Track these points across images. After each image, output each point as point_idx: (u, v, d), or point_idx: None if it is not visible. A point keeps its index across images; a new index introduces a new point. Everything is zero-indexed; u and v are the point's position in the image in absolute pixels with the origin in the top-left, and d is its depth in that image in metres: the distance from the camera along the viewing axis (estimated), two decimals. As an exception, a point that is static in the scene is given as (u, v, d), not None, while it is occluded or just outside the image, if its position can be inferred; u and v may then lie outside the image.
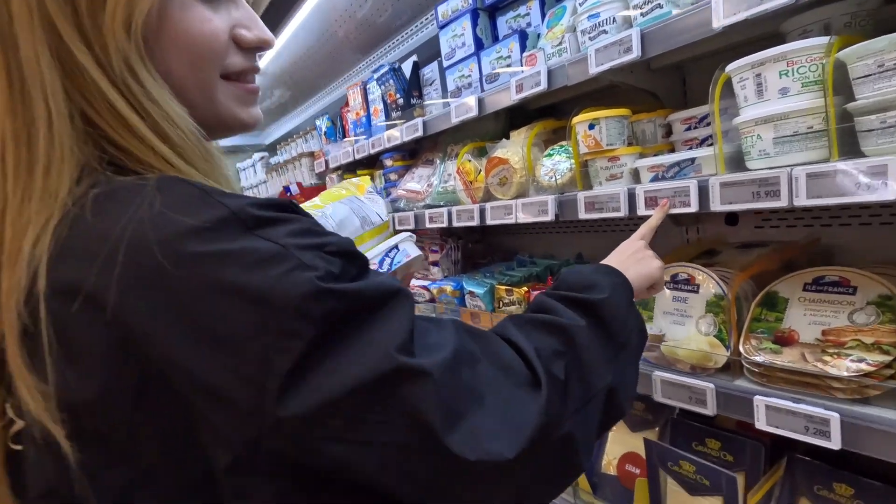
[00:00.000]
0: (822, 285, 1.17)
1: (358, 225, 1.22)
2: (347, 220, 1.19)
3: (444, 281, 2.26)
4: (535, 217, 1.61)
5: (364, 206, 1.28)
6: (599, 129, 1.39)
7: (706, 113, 1.37)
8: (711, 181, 1.13)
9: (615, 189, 1.35)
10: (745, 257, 1.48)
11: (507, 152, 1.74)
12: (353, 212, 1.23)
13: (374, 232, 1.26)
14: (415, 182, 2.39)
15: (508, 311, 1.91)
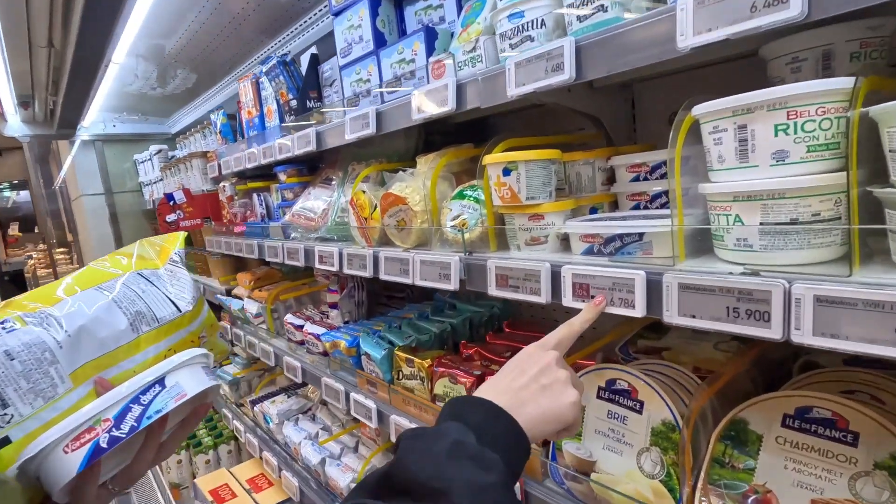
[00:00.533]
0: (809, 422, 0.83)
1: (125, 326, 0.75)
2: (99, 323, 0.72)
3: (340, 332, 1.82)
4: (435, 282, 1.20)
5: (149, 293, 0.81)
6: (518, 176, 0.99)
7: (660, 161, 1.00)
8: (667, 278, 0.76)
9: (534, 263, 0.96)
10: (700, 348, 1.14)
11: (406, 188, 1.31)
12: (121, 304, 0.77)
13: (162, 332, 0.80)
14: (311, 202, 1.92)
15: (408, 387, 1.50)
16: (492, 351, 1.43)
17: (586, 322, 0.84)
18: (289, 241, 1.94)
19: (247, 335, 2.55)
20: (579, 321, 0.84)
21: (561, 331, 0.82)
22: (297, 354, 2.11)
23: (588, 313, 0.85)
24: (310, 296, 2.50)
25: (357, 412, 1.67)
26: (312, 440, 2.10)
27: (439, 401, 1.38)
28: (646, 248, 0.86)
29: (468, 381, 1.29)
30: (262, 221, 2.29)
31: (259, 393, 2.62)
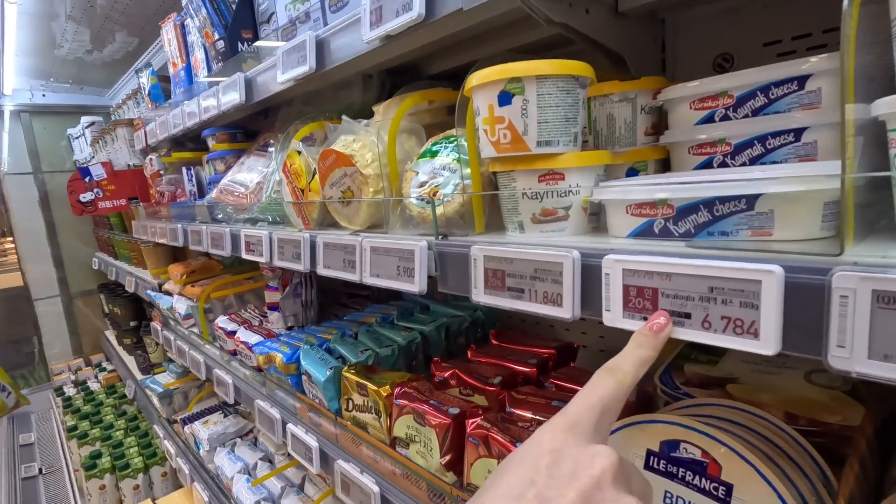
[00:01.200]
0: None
1: None
2: None
3: (277, 343, 1.40)
4: (391, 279, 0.80)
5: None
6: (524, 104, 0.59)
7: (759, 86, 0.61)
8: (846, 282, 0.37)
9: (552, 250, 0.56)
10: (784, 379, 0.77)
11: (353, 143, 0.90)
12: None
13: None
14: (243, 174, 1.49)
15: (360, 422, 1.09)
16: (474, 373, 1.04)
17: (643, 364, 0.46)
18: (213, 225, 1.51)
19: (177, 340, 2.11)
20: (631, 366, 0.45)
21: (599, 389, 0.43)
22: (232, 367, 1.69)
23: (644, 348, 0.46)
24: (255, 293, 2.07)
25: (295, 450, 1.26)
26: (249, 474, 1.68)
27: (401, 446, 0.99)
28: (759, 224, 0.48)
29: (441, 423, 0.89)
30: (192, 201, 1.85)
31: (192, 409, 2.19)
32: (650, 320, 0.48)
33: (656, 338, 0.47)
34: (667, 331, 0.47)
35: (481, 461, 0.82)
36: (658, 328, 0.47)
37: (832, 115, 0.56)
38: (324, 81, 1.33)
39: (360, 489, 1.02)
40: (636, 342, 0.47)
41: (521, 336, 1.24)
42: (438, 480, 0.88)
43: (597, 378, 0.45)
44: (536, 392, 0.93)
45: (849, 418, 0.66)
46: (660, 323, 0.47)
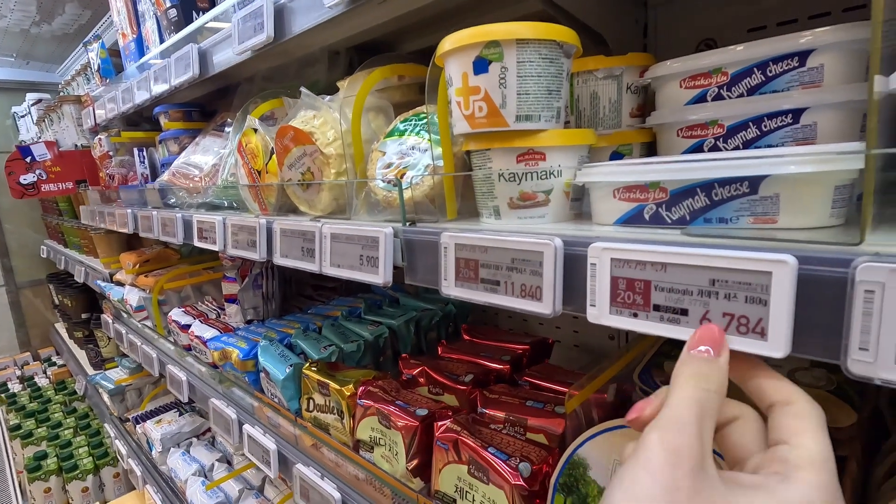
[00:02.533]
0: None
1: None
2: None
3: (234, 338, 1.30)
4: (354, 270, 0.73)
5: None
6: (502, 72, 0.53)
7: (755, 63, 0.56)
8: (869, 275, 0.32)
9: (530, 238, 0.50)
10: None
11: (313, 119, 0.82)
12: None
13: None
14: (198, 156, 1.38)
15: (322, 423, 1.02)
16: (444, 371, 0.98)
17: (717, 394, 0.34)
18: (164, 210, 1.39)
19: (129, 334, 1.97)
20: (709, 401, 0.34)
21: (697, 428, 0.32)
22: (187, 363, 1.58)
23: (709, 379, 0.34)
24: (215, 284, 1.95)
25: (252, 453, 1.18)
26: (205, 476, 1.58)
27: (365, 449, 0.92)
28: (762, 210, 0.43)
29: (407, 426, 0.82)
30: (144, 184, 1.71)
31: (146, 407, 2.06)
32: (705, 335, 0.36)
33: (718, 361, 0.35)
34: (725, 350, 0.36)
35: (450, 467, 0.76)
36: (718, 347, 0.35)
37: (834, 94, 0.51)
38: (286, 56, 1.23)
39: (321, 495, 0.95)
40: (687, 380, 0.34)
41: (494, 331, 1.18)
42: (404, 487, 0.82)
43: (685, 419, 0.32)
44: (510, 391, 0.87)
45: (837, 420, 0.63)
46: (713, 335, 0.36)
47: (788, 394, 0.34)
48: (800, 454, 0.30)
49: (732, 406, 0.35)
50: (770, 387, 0.35)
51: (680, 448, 0.30)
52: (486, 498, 0.70)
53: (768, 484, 0.30)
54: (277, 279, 1.49)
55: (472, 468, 0.72)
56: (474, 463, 0.72)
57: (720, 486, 0.30)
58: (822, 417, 0.33)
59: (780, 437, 0.32)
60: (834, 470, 0.30)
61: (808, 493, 0.29)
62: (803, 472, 0.29)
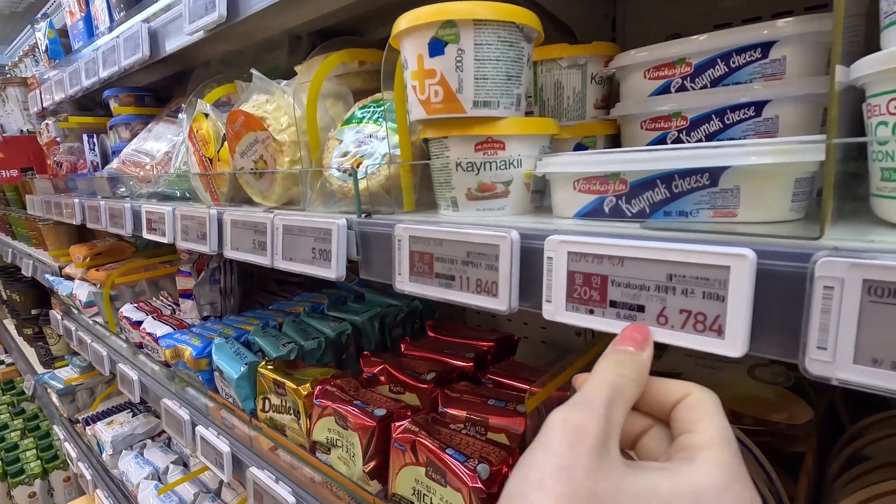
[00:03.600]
0: None
1: None
2: None
3: (187, 335, 1.24)
4: (307, 264, 0.69)
5: None
6: (459, 54, 0.50)
7: (720, 53, 0.55)
8: (828, 270, 0.30)
9: (487, 230, 0.47)
10: (728, 375, 0.73)
11: (265, 104, 0.77)
12: None
13: None
14: (149, 143, 1.31)
15: (278, 423, 0.97)
16: (406, 368, 0.95)
17: (631, 390, 0.33)
18: (113, 200, 1.31)
19: (78, 331, 1.87)
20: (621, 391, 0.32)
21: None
22: (140, 362, 1.50)
23: (627, 365, 0.34)
24: (172, 279, 1.87)
25: (205, 455, 1.12)
26: (159, 480, 1.51)
27: (321, 451, 0.88)
28: (722, 203, 0.41)
29: (364, 427, 0.79)
30: (93, 173, 1.62)
31: (97, 408, 1.96)
32: (630, 333, 0.35)
33: (642, 347, 0.34)
34: (649, 344, 0.35)
35: (408, 469, 0.73)
36: (641, 340, 0.35)
37: (796, 87, 0.50)
38: (244, 39, 1.18)
39: (275, 499, 0.91)
40: (612, 361, 0.34)
41: (460, 327, 1.16)
42: (360, 490, 0.78)
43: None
44: (472, 389, 0.85)
45: (794, 416, 0.63)
46: (638, 333, 0.35)
47: (684, 389, 0.33)
48: (700, 438, 0.30)
49: (646, 419, 0.35)
50: (665, 391, 0.34)
51: (581, 426, 0.29)
52: (443, 501, 0.68)
53: (673, 466, 0.29)
54: (237, 274, 1.43)
55: (430, 470, 0.69)
56: (432, 465, 0.69)
57: (621, 467, 0.28)
58: (717, 402, 0.32)
59: (681, 429, 0.31)
60: (735, 449, 0.30)
61: (711, 470, 0.28)
62: (704, 452, 0.29)
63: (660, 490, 0.27)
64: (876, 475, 0.58)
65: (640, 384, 0.33)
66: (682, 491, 0.27)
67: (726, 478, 0.28)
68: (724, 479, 0.28)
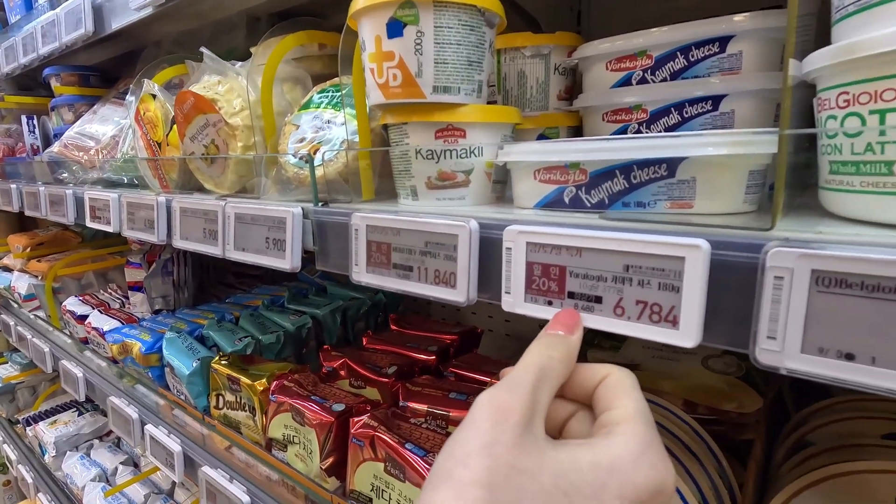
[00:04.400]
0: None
1: None
2: None
3: (136, 330, 1.18)
4: (260, 254, 0.66)
5: None
6: (418, 35, 0.48)
7: (680, 46, 0.55)
8: (778, 259, 0.30)
9: (445, 220, 0.46)
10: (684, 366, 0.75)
11: (218, 86, 0.73)
12: None
13: None
14: (95, 125, 1.23)
15: (233, 421, 0.94)
16: (367, 362, 0.93)
17: (555, 377, 0.34)
18: (54, 186, 1.23)
19: (17, 325, 1.75)
20: (561, 349, 0.35)
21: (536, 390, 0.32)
22: (86, 358, 1.42)
23: (555, 346, 0.35)
24: (121, 271, 1.77)
25: (155, 455, 1.07)
26: (107, 481, 1.44)
27: (278, 448, 0.85)
28: (679, 195, 0.41)
29: (322, 422, 0.77)
30: (32, 157, 1.51)
31: (39, 407, 1.84)
32: (561, 318, 0.38)
33: (573, 330, 0.37)
34: (579, 328, 0.38)
35: (366, 464, 0.71)
36: (571, 324, 0.37)
37: (752, 82, 0.51)
38: (199, 18, 1.12)
39: (228, 499, 0.88)
40: (551, 340, 0.36)
41: (423, 320, 1.15)
42: (317, 487, 0.76)
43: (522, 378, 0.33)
44: (434, 382, 0.84)
45: (744, 405, 0.65)
46: (569, 318, 0.38)
47: (604, 371, 0.35)
48: (618, 413, 0.32)
49: (571, 404, 0.36)
50: (587, 375, 0.35)
51: (506, 405, 0.30)
52: (402, 496, 0.67)
53: (593, 441, 0.31)
54: (191, 265, 1.37)
55: (389, 465, 0.68)
56: (391, 460, 0.68)
57: (544, 444, 0.30)
58: (633, 380, 0.34)
59: (601, 407, 0.33)
60: (649, 420, 0.31)
61: (627, 441, 0.30)
62: (621, 426, 0.31)
63: (580, 462, 0.29)
64: (818, 460, 0.60)
65: (569, 365, 0.35)
66: (600, 462, 0.29)
67: (641, 446, 0.29)
68: (638, 448, 0.29)
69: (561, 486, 0.28)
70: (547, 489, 0.27)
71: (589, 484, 0.28)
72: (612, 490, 0.28)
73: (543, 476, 0.28)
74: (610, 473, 0.28)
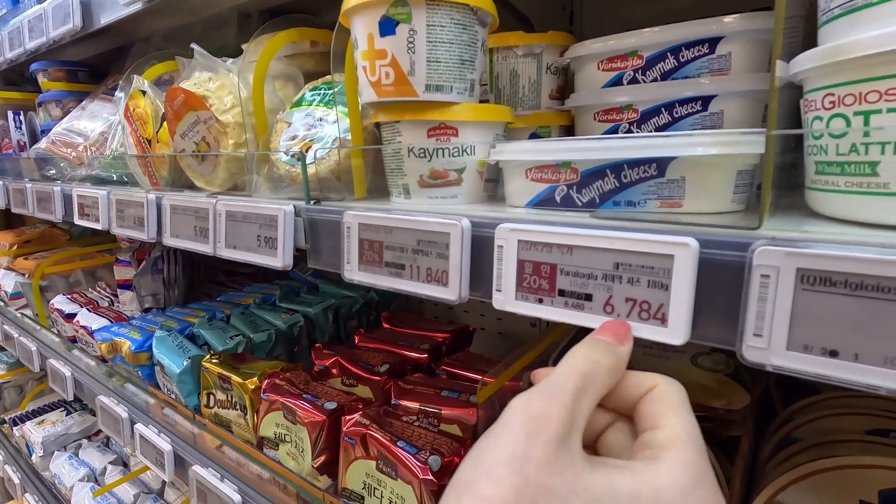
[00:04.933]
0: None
1: None
2: None
3: (126, 328, 1.17)
4: (251, 251, 0.65)
5: None
6: (411, 34, 0.48)
7: (670, 47, 0.56)
8: (766, 258, 0.31)
9: (437, 218, 0.46)
10: (673, 364, 0.76)
11: (208, 82, 0.73)
12: None
13: None
14: (83, 122, 1.21)
15: (224, 419, 0.93)
16: (359, 361, 0.93)
17: (603, 380, 0.31)
18: (41, 183, 1.21)
19: (4, 324, 1.73)
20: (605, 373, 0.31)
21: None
22: (74, 357, 1.41)
23: (603, 353, 0.32)
24: (110, 269, 1.76)
25: (145, 454, 1.06)
26: (96, 481, 1.43)
27: (269, 447, 0.85)
28: (668, 194, 0.41)
29: (313, 421, 0.77)
30: (19, 153, 1.49)
31: (27, 406, 1.82)
32: (611, 327, 0.34)
33: (623, 341, 0.33)
34: (630, 337, 0.34)
35: (358, 462, 0.71)
36: (623, 334, 0.34)
37: (741, 83, 0.52)
38: (190, 14, 1.11)
39: (219, 498, 0.87)
40: (599, 346, 0.32)
41: (415, 318, 1.15)
42: (309, 486, 0.76)
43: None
44: (426, 381, 0.84)
45: (732, 402, 0.66)
46: (621, 328, 0.34)
47: (651, 381, 0.31)
48: (665, 434, 0.28)
49: (609, 413, 0.33)
50: (631, 383, 0.32)
51: (544, 415, 0.27)
52: (394, 494, 0.67)
53: (634, 466, 0.27)
54: (181, 263, 1.36)
55: (381, 463, 0.68)
56: (383, 458, 0.68)
57: (580, 463, 0.26)
58: (682, 394, 0.31)
59: (646, 424, 0.30)
60: (701, 447, 0.28)
61: (674, 470, 0.26)
62: (669, 451, 0.27)
63: (618, 490, 0.25)
64: (804, 456, 0.61)
65: (615, 375, 0.32)
66: (642, 492, 0.25)
67: (690, 480, 0.26)
68: (687, 482, 0.26)
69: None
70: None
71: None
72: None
73: (576, 500, 0.25)
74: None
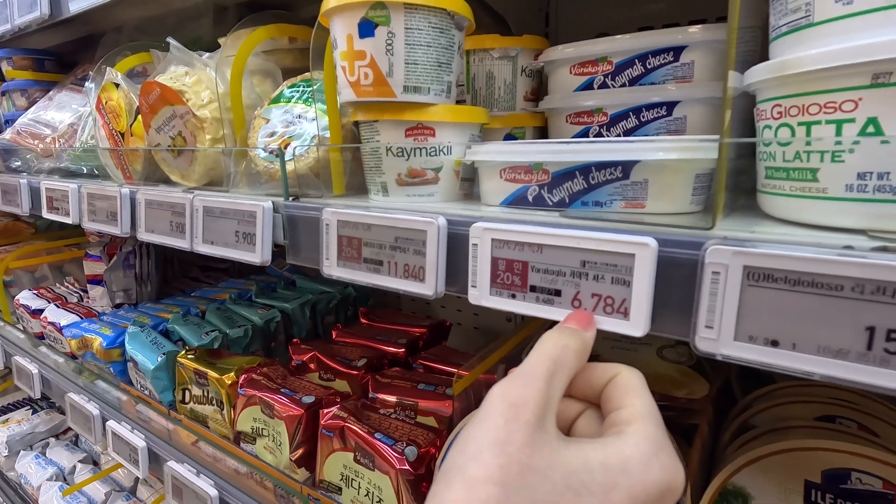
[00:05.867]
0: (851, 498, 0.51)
1: None
2: None
3: (96, 323, 1.15)
4: (229, 248, 0.66)
5: None
6: (389, 36, 0.49)
7: (638, 54, 0.58)
8: (714, 257, 0.33)
9: (415, 216, 0.48)
10: (641, 356, 0.79)
11: (184, 76, 0.73)
12: None
13: None
14: (51, 112, 1.18)
15: (200, 415, 0.93)
16: (337, 355, 0.94)
17: (566, 369, 0.34)
18: (7, 175, 1.18)
19: (-35, 321, 1.66)
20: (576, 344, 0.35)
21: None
22: (41, 354, 1.37)
23: (569, 337, 0.35)
24: (78, 263, 1.71)
25: (118, 451, 1.05)
26: (64, 480, 1.40)
27: (246, 442, 0.85)
28: (633, 195, 0.44)
29: (291, 415, 0.78)
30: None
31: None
32: (578, 316, 0.38)
33: (586, 328, 0.37)
34: (593, 327, 0.38)
35: (336, 455, 0.72)
36: (587, 321, 0.37)
37: (703, 90, 0.55)
38: (163, 5, 1.09)
39: (195, 493, 0.87)
40: (564, 334, 0.35)
41: (393, 314, 1.16)
42: (287, 478, 0.77)
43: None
44: (403, 374, 0.86)
45: (693, 391, 0.70)
46: (585, 317, 0.38)
47: (614, 370, 0.35)
48: (628, 412, 0.32)
49: (579, 403, 0.36)
50: (596, 374, 0.36)
51: (520, 401, 0.30)
52: (371, 484, 0.68)
53: (603, 441, 0.31)
54: (154, 258, 1.34)
55: (358, 455, 0.69)
56: (360, 449, 0.69)
57: (556, 441, 0.30)
58: (641, 379, 0.34)
59: (611, 406, 0.33)
60: (659, 422, 0.32)
61: (638, 442, 0.30)
62: (631, 426, 0.31)
63: (591, 462, 0.29)
64: (758, 441, 0.65)
65: (582, 358, 0.35)
66: (611, 462, 0.29)
67: (652, 449, 0.29)
68: (649, 450, 0.29)
69: (572, 485, 0.28)
70: (558, 488, 0.28)
71: (600, 483, 0.28)
72: (623, 490, 0.28)
73: (555, 475, 0.28)
74: (621, 473, 0.28)
